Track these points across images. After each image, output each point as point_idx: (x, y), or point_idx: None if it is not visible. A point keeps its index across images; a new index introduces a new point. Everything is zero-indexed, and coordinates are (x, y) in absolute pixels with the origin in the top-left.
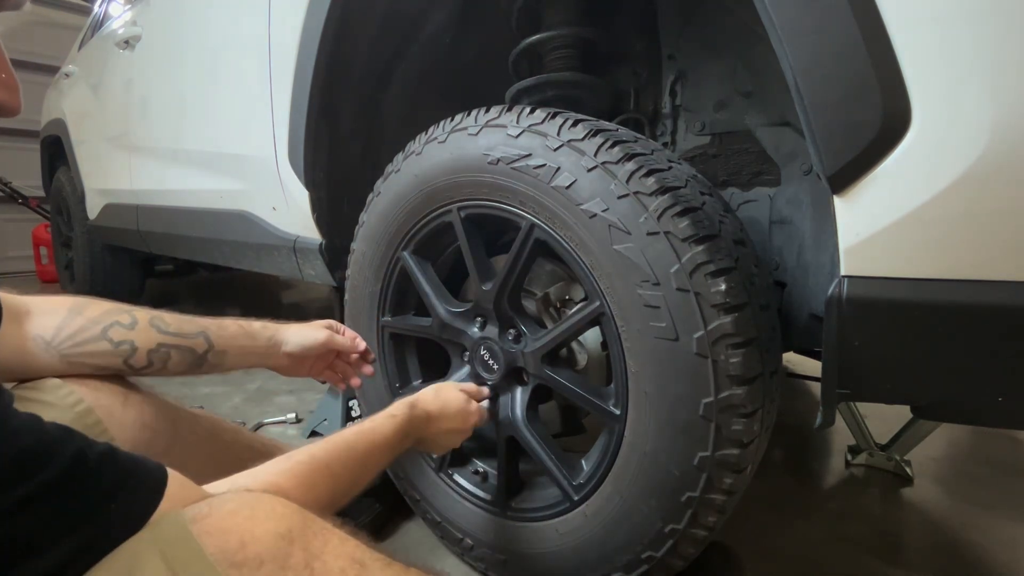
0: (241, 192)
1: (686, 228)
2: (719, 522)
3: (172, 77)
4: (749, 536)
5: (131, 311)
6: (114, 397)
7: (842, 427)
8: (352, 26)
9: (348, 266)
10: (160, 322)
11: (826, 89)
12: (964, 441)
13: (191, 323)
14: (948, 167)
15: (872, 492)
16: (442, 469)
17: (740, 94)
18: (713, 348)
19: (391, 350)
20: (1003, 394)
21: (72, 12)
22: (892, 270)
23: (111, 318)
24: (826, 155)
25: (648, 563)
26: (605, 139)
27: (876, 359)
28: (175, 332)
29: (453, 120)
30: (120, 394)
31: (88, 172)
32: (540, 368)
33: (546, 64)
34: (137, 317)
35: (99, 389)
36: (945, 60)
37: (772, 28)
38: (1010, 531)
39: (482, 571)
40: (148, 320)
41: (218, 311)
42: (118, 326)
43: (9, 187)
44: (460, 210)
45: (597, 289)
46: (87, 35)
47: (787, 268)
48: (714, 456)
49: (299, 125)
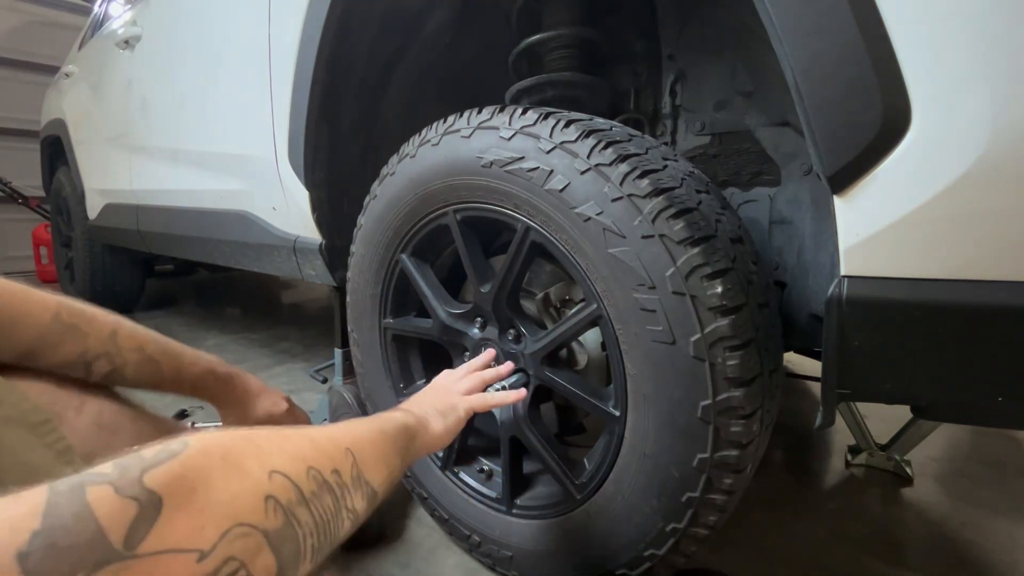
0: (241, 192)
1: (681, 230)
2: (720, 521)
3: (172, 77)
4: (749, 536)
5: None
6: (70, 401)
7: (842, 427)
8: (352, 26)
9: (349, 268)
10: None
11: (826, 89)
12: (964, 441)
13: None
14: (948, 167)
15: (872, 492)
16: (448, 467)
17: (740, 94)
18: (710, 351)
19: (394, 352)
20: (1003, 394)
21: (72, 12)
22: (892, 270)
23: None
24: (826, 155)
25: (651, 560)
26: (598, 140)
27: (876, 359)
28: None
29: (446, 122)
30: (77, 398)
31: (88, 172)
32: (540, 369)
33: (546, 64)
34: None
35: (57, 390)
36: (945, 60)
37: (772, 28)
38: (1010, 531)
39: (489, 566)
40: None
41: (218, 311)
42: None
43: (9, 187)
44: (456, 213)
45: (594, 292)
46: (87, 35)
47: (787, 268)
48: (713, 457)
49: (299, 125)
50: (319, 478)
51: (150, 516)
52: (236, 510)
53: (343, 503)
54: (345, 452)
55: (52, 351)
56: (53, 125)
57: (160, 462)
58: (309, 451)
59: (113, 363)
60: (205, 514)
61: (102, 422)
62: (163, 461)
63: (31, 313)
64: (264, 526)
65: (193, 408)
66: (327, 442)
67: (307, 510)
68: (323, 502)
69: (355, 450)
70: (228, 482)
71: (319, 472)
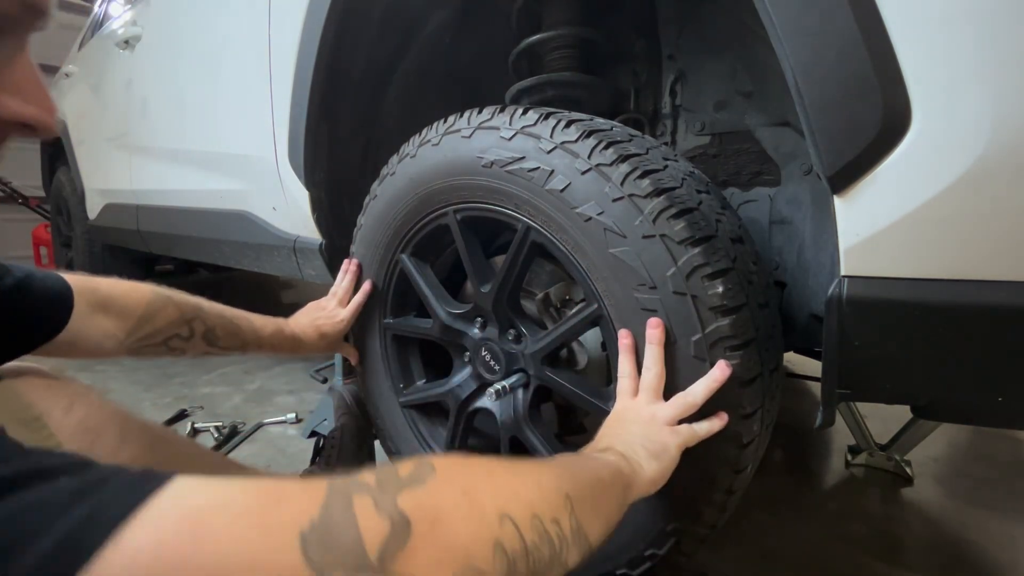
0: (241, 192)
1: (682, 230)
2: (721, 520)
3: (172, 77)
4: (749, 536)
5: (191, 322)
6: (58, 402)
7: (842, 427)
8: (352, 26)
9: None
10: (213, 336)
11: (826, 89)
12: (964, 441)
13: (237, 336)
14: (948, 167)
15: (872, 492)
16: None
17: (740, 94)
18: (711, 351)
19: (394, 351)
20: (1003, 394)
21: (72, 12)
22: (892, 270)
23: (173, 330)
24: (826, 155)
25: (651, 560)
26: (599, 140)
27: (876, 359)
28: (221, 347)
29: (446, 122)
30: (66, 399)
31: (88, 172)
32: (540, 369)
33: (546, 64)
34: (195, 330)
35: (46, 391)
36: (945, 60)
37: (772, 28)
38: (1010, 531)
39: None
40: (203, 335)
41: None
42: (178, 339)
43: (9, 187)
44: (456, 213)
45: (594, 292)
46: (87, 35)
47: (787, 268)
48: (714, 457)
49: (299, 125)
50: (540, 528)
51: (401, 538)
52: (470, 553)
53: (559, 557)
54: (565, 500)
55: (159, 314)
56: None
57: (411, 484)
58: (536, 496)
59: (206, 325)
60: (446, 551)
61: (88, 424)
62: (414, 484)
63: (137, 288)
64: (489, 573)
65: (193, 408)
66: (550, 485)
67: (526, 562)
68: (541, 553)
69: (575, 498)
70: (467, 522)
71: (542, 522)
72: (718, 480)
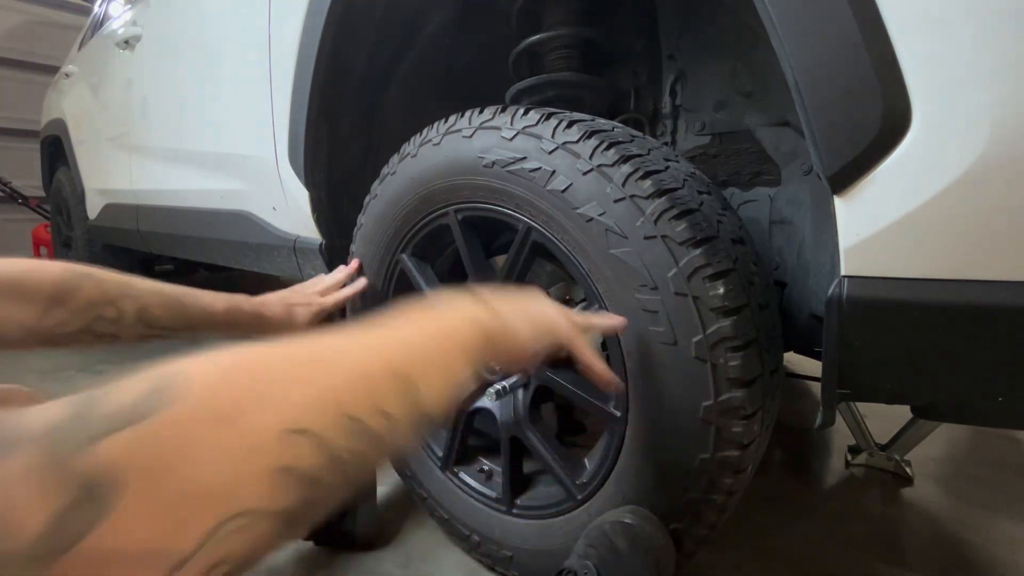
0: (241, 192)
1: (683, 231)
2: (721, 520)
3: (172, 77)
4: (749, 536)
5: (117, 301)
6: (17, 401)
7: (842, 427)
8: (352, 26)
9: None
10: (149, 316)
11: (826, 89)
12: (964, 441)
13: (181, 313)
14: (948, 167)
15: (872, 492)
16: (448, 468)
17: (740, 94)
18: (712, 352)
19: None
20: (1003, 394)
21: (72, 12)
22: (892, 270)
23: (95, 312)
24: (826, 155)
25: None
26: (600, 141)
27: (876, 359)
28: (163, 327)
29: (447, 122)
30: (25, 398)
31: (88, 172)
32: (540, 369)
33: (546, 64)
34: (123, 309)
35: (4, 394)
36: (945, 60)
37: (772, 28)
38: (1010, 531)
39: (488, 566)
40: (136, 314)
41: None
42: (103, 321)
43: (9, 187)
44: (457, 212)
45: (595, 292)
46: (87, 35)
47: (787, 268)
48: (714, 458)
49: (299, 125)
50: (357, 428)
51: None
52: (233, 494)
53: (387, 447)
54: (393, 379)
55: (75, 294)
56: (53, 125)
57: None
58: (346, 385)
59: (139, 303)
60: (186, 503)
61: None
62: (130, 422)
63: (43, 267)
64: (273, 507)
65: None
66: (375, 366)
67: (335, 470)
68: (359, 454)
69: (408, 373)
70: (218, 460)
71: (359, 420)
72: (718, 480)
